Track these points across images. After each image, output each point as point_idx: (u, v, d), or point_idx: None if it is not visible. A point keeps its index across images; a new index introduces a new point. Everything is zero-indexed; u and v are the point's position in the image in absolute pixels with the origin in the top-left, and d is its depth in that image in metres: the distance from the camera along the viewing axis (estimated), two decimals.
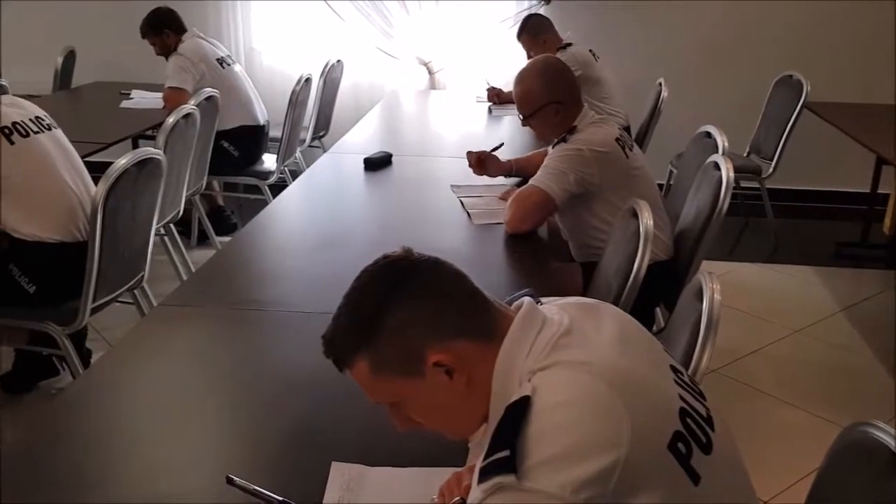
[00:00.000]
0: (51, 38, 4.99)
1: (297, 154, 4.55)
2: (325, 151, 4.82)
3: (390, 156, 3.09)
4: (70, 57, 4.92)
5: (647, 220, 1.95)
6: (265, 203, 4.15)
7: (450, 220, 2.52)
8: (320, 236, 2.40)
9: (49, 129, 2.60)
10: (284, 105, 4.20)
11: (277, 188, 4.20)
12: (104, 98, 4.48)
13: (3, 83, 3.86)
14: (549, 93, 2.37)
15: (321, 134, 4.84)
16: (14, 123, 2.48)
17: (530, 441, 0.88)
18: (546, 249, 2.32)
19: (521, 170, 2.77)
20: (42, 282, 2.51)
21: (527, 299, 1.04)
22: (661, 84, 4.03)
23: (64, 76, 4.88)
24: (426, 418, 1.03)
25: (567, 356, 0.95)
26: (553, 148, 2.43)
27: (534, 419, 0.89)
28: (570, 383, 0.92)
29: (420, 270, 1.01)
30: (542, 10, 4.73)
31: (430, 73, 5.09)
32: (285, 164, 4.29)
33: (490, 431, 0.96)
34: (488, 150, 2.74)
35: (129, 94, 4.36)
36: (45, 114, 2.64)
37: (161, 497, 1.25)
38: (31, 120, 2.54)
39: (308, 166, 4.57)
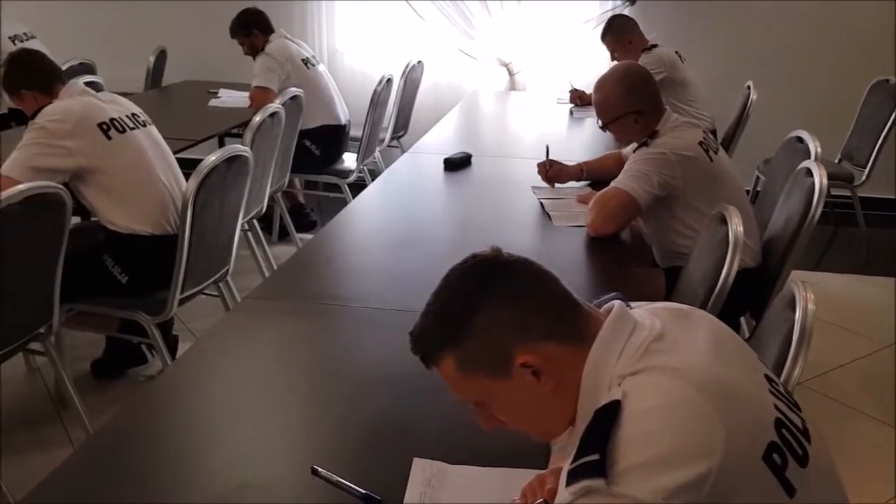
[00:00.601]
0: (143, 38, 5.19)
1: (377, 153, 4.60)
2: (403, 151, 4.87)
3: (470, 156, 3.10)
4: (161, 56, 5.10)
5: (736, 225, 1.90)
6: (344, 201, 4.23)
7: (530, 221, 2.51)
8: (400, 234, 2.42)
9: (144, 125, 2.70)
10: (365, 105, 4.25)
11: (356, 187, 4.27)
12: (193, 96, 4.62)
13: (99, 81, 4.04)
14: (629, 102, 2.34)
15: (400, 134, 4.89)
16: (112, 119, 2.58)
17: (621, 446, 0.87)
18: (628, 253, 2.28)
19: (592, 173, 2.75)
20: (134, 272, 2.61)
21: (617, 303, 1.02)
22: (749, 87, 3.92)
23: (155, 75, 5.06)
24: (511, 418, 1.02)
25: (659, 361, 0.94)
26: (635, 151, 2.39)
27: (624, 424, 0.88)
28: (663, 389, 0.91)
29: (510, 270, 1.00)
30: (626, 11, 4.66)
31: (511, 74, 5.08)
32: (364, 163, 4.34)
33: (577, 434, 0.95)
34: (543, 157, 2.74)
35: (216, 92, 4.49)
36: (141, 111, 2.74)
37: (246, 485, 1.28)
38: (127, 116, 2.65)
39: (387, 166, 4.63)
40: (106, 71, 4.74)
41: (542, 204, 2.57)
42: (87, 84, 2.84)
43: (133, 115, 2.68)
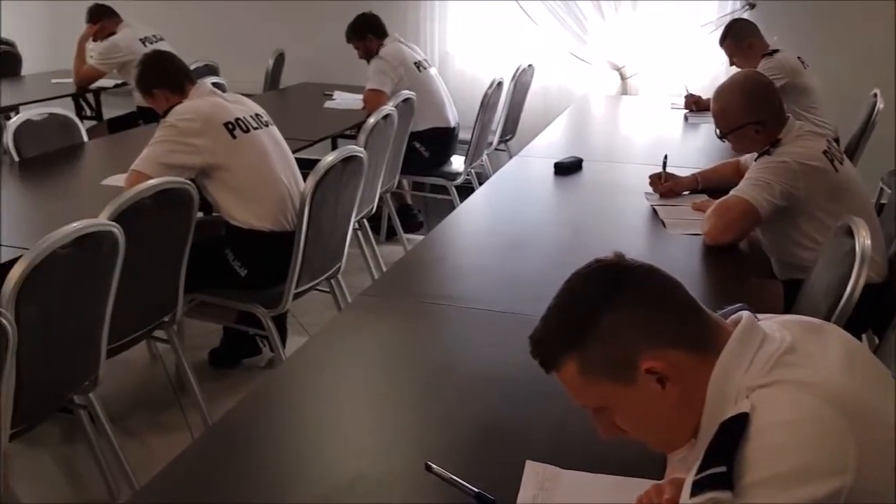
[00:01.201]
0: (263, 42, 5.40)
1: (484, 157, 4.63)
2: (510, 155, 4.89)
3: (581, 161, 3.07)
4: (280, 59, 5.29)
5: (864, 238, 1.82)
6: (451, 203, 4.27)
7: (642, 227, 2.47)
8: (510, 237, 2.42)
9: (266, 125, 2.81)
10: (474, 108, 4.28)
11: (463, 190, 4.31)
12: (309, 98, 4.77)
13: (223, 82, 4.22)
14: (749, 112, 2.26)
15: (508, 137, 4.89)
16: (237, 119, 2.69)
17: (749, 459, 0.85)
18: (746, 264, 2.21)
19: (708, 182, 2.68)
20: (252, 266, 2.71)
21: (746, 313, 1.00)
22: (875, 95, 3.73)
23: (274, 77, 5.26)
24: (632, 426, 1.01)
25: (790, 375, 0.91)
26: (756, 160, 2.31)
27: (753, 437, 0.86)
28: (794, 403, 0.88)
29: (635, 275, 0.99)
30: (746, 14, 4.51)
31: (623, 78, 5.00)
32: (472, 166, 4.37)
33: (701, 446, 0.93)
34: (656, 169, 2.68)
35: (331, 94, 4.62)
36: (263, 111, 2.85)
37: (360, 477, 1.31)
38: (251, 116, 2.76)
39: (494, 169, 4.64)
40: (228, 72, 4.96)
41: (655, 210, 2.53)
42: (213, 85, 2.98)
43: (256, 115, 2.79)
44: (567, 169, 3.00)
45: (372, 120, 3.24)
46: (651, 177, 2.68)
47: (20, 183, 3.07)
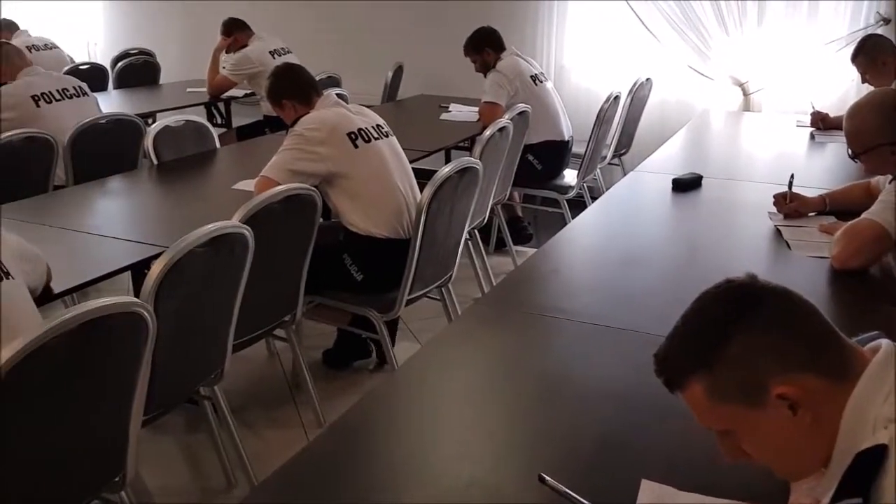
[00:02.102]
0: (383, 54, 5.55)
1: (597, 171, 4.59)
2: (624, 169, 4.83)
3: (700, 177, 3.00)
4: (398, 71, 5.42)
5: None
6: (562, 216, 4.26)
7: (764, 247, 2.39)
8: (625, 253, 2.40)
9: (387, 136, 2.89)
10: (589, 121, 4.26)
11: (574, 203, 4.29)
12: (425, 110, 4.86)
13: (344, 93, 4.37)
14: (885, 133, 2.15)
15: (622, 152, 4.84)
16: (359, 129, 2.79)
17: (886, 492, 0.81)
18: (876, 290, 2.11)
19: (836, 204, 2.56)
20: (368, 272, 2.79)
21: (886, 341, 0.96)
22: None
23: (392, 88, 5.39)
24: (759, 452, 0.99)
25: None
26: (891, 182, 2.20)
27: (890, 471, 0.83)
28: None
29: (768, 297, 0.97)
30: (881, 30, 4.30)
31: (745, 93, 4.86)
32: (585, 180, 4.34)
33: (832, 476, 0.90)
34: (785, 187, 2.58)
35: (447, 107, 4.70)
36: (384, 122, 2.94)
37: (474, 483, 1.33)
38: (372, 127, 2.84)
39: (607, 184, 4.60)
40: (348, 84, 5.13)
41: (779, 231, 2.44)
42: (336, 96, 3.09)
43: (378, 126, 2.88)
44: (686, 186, 2.94)
45: (488, 132, 3.28)
46: (776, 196, 2.59)
47: (157, 185, 3.27)
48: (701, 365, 0.96)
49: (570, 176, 4.38)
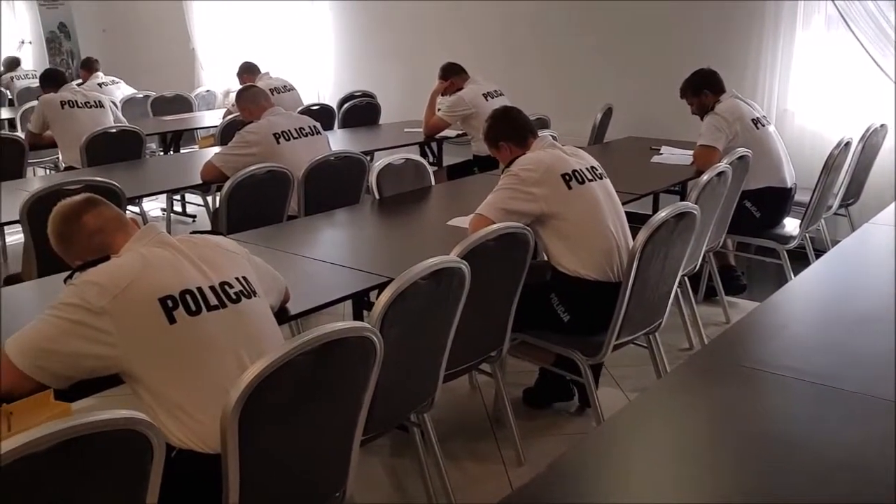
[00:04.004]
0: (592, 96, 5.56)
1: (821, 221, 4.30)
2: (851, 220, 4.49)
3: None
4: (608, 113, 5.41)
5: None
6: (780, 268, 4.02)
7: None
8: (860, 312, 2.21)
9: (601, 177, 2.89)
10: (813, 167, 4.01)
11: (793, 254, 4.04)
12: (634, 152, 4.80)
13: (553, 134, 4.41)
14: None
15: (850, 202, 4.50)
16: (573, 171, 2.80)
17: None
18: None
19: None
20: (576, 313, 2.79)
21: None
22: None
23: (600, 130, 5.39)
24: None
25: None
26: None
27: None
28: None
29: None
30: None
31: None
32: (808, 230, 4.08)
33: None
34: None
35: (658, 149, 4.61)
36: (598, 164, 2.94)
37: None
38: (587, 169, 2.85)
39: (831, 235, 4.29)
40: (556, 125, 5.19)
41: None
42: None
43: (592, 167, 2.88)
44: None
45: (706, 177, 3.19)
46: None
47: (379, 218, 3.48)
48: None
49: (791, 225, 4.13)
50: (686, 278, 3.61)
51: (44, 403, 1.53)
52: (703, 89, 4.18)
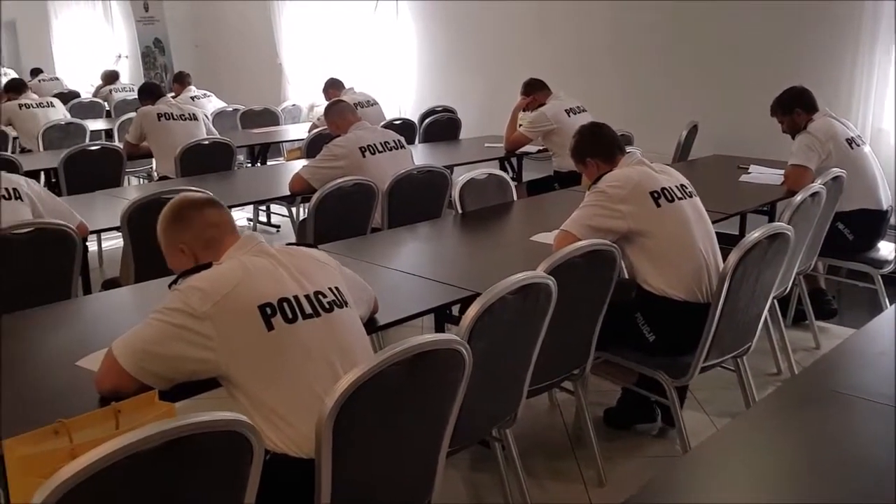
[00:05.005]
0: (677, 113, 5.48)
1: None
2: None
3: None
4: (693, 130, 5.32)
5: None
6: (872, 292, 3.87)
7: None
8: None
9: (691, 196, 2.84)
10: None
11: (888, 279, 3.88)
12: (721, 170, 4.70)
13: (635, 150, 4.36)
14: None
15: None
16: (662, 189, 2.77)
17: None
18: None
19: None
20: (662, 333, 2.74)
21: None
22: None
23: (685, 148, 5.29)
24: None
25: None
26: None
27: None
28: None
29: None
30: None
31: None
32: None
33: None
34: None
35: (747, 168, 4.50)
36: (688, 182, 2.90)
37: None
38: (677, 187, 2.81)
39: None
40: (640, 142, 5.13)
41: None
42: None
43: (682, 185, 2.84)
44: None
45: (799, 198, 3.10)
46: None
47: (461, 232, 3.50)
48: None
49: (886, 249, 3.97)
50: (775, 301, 3.51)
51: (149, 403, 1.59)
52: (795, 107, 4.07)
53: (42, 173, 5.07)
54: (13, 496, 1.45)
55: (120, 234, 3.34)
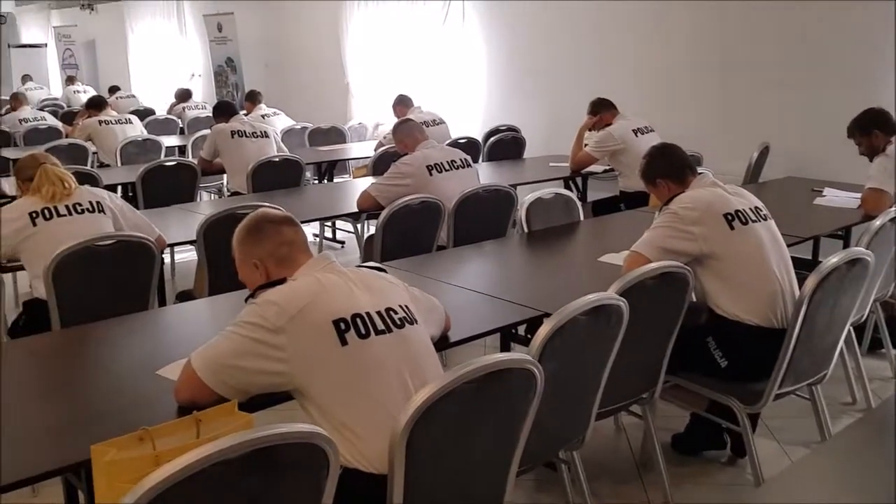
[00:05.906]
0: (749, 134, 5.38)
1: None
2: None
3: None
4: (764, 151, 5.21)
5: None
6: None
7: None
8: None
9: (765, 219, 2.78)
10: None
11: None
12: (793, 193, 4.59)
13: (707, 172, 4.29)
14: None
15: None
16: (736, 211, 2.72)
17: None
18: None
19: None
20: (734, 359, 2.68)
21: None
22: None
23: (755, 169, 5.19)
24: None
25: None
26: None
27: None
28: None
29: None
30: None
31: None
32: None
33: None
34: None
35: (821, 191, 4.39)
36: (763, 205, 2.84)
37: None
38: (750, 209, 2.76)
39: None
40: (709, 163, 5.04)
41: None
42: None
43: (756, 208, 2.78)
44: None
45: (878, 222, 3.01)
46: None
47: (527, 251, 3.50)
48: None
49: None
50: (851, 328, 3.40)
51: (229, 413, 1.63)
52: (874, 129, 3.95)
53: (119, 187, 5.25)
54: (99, 499, 1.50)
55: (191, 247, 3.43)
